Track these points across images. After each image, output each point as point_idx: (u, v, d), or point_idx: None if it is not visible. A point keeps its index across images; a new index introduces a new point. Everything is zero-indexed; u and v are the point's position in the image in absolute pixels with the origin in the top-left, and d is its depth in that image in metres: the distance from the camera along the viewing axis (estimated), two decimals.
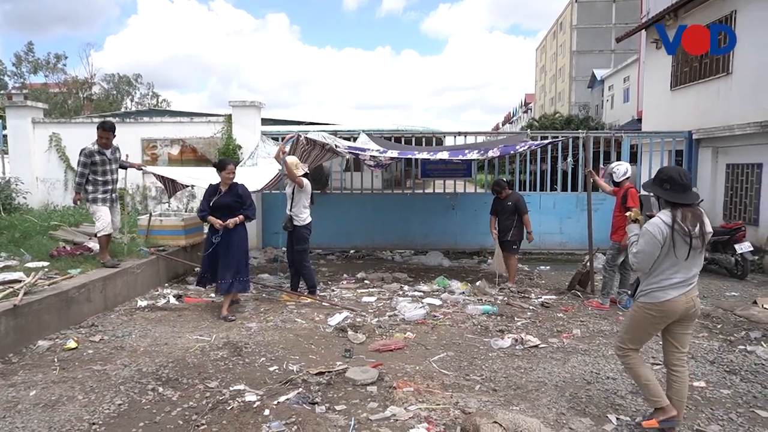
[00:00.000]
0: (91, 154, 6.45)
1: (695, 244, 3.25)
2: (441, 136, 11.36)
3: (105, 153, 6.54)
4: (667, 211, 3.31)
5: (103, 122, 6.72)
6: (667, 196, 3.32)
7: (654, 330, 3.42)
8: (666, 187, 3.32)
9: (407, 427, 3.47)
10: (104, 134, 6.52)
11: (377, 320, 6.00)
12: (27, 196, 10.62)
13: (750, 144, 9.55)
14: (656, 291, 3.32)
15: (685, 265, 3.29)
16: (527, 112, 64.19)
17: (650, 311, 3.35)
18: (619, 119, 28.97)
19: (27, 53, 39.96)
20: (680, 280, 3.30)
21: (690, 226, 3.22)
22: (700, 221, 3.28)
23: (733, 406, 3.88)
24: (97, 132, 6.54)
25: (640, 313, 3.41)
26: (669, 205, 3.32)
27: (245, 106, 10.60)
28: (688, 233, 3.21)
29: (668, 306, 3.29)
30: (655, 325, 3.39)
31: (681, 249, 3.24)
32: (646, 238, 3.29)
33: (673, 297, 3.28)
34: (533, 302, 6.82)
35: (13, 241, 7.27)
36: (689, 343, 3.51)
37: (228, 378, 4.33)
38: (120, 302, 6.47)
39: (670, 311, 3.30)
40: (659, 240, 3.24)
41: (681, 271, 3.29)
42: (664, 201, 3.36)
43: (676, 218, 3.23)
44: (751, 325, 5.78)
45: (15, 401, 3.86)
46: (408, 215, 10.50)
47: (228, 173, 6.07)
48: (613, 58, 40.75)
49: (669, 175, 3.32)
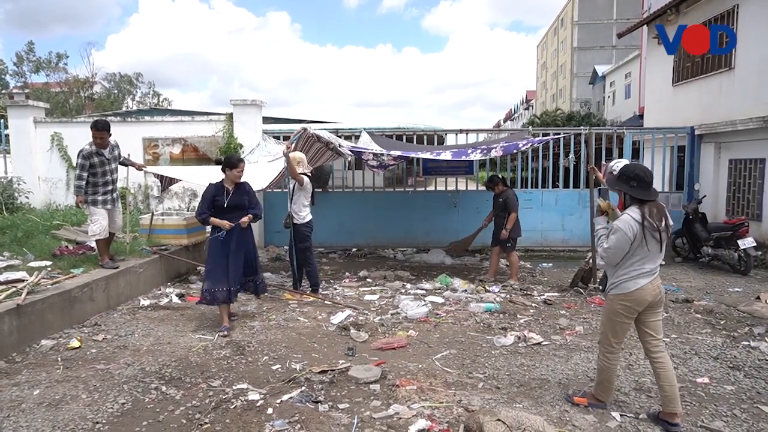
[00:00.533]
0: (89, 155, 6.35)
1: (662, 237, 3.48)
2: (442, 134, 11.33)
3: (103, 153, 6.44)
4: (636, 207, 3.49)
5: (96, 122, 6.53)
6: (634, 193, 3.51)
7: (629, 320, 3.58)
8: (633, 184, 3.52)
9: (410, 425, 3.46)
10: (98, 134, 6.39)
11: (380, 318, 6.00)
12: (29, 195, 10.63)
13: (753, 139, 9.52)
14: (626, 282, 3.51)
15: (651, 257, 3.50)
16: (528, 109, 64.07)
17: (623, 302, 3.54)
18: (621, 115, 28.89)
19: (28, 53, 40.07)
20: (648, 270, 3.50)
21: (657, 221, 3.44)
22: (664, 215, 3.51)
23: (737, 402, 3.87)
24: (91, 132, 6.42)
25: (614, 306, 3.59)
26: (636, 202, 3.51)
27: (246, 104, 10.60)
28: (656, 228, 3.43)
29: (638, 294, 3.49)
30: (630, 315, 3.56)
31: (651, 242, 3.45)
32: (618, 235, 3.46)
33: (642, 285, 3.48)
34: (536, 299, 6.82)
35: (15, 241, 7.29)
36: (662, 329, 3.68)
37: (231, 377, 4.33)
38: (123, 301, 6.48)
39: (641, 299, 3.50)
40: (630, 237, 3.42)
41: (649, 262, 3.50)
42: (629, 197, 3.55)
43: (645, 214, 3.43)
44: (754, 321, 5.77)
45: (19, 400, 3.87)
46: (410, 213, 10.50)
47: (240, 171, 5.68)
48: (614, 54, 40.63)
49: (636, 173, 3.52)
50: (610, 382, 3.70)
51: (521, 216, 10.32)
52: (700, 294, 7.00)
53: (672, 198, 10.56)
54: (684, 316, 6.02)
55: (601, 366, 3.72)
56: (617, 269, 3.57)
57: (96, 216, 6.45)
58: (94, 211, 6.46)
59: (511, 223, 7.54)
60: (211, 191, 5.62)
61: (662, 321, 3.67)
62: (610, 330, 3.63)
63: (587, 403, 3.76)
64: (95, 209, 6.46)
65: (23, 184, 10.57)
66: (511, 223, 7.54)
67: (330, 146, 7.68)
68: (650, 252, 3.47)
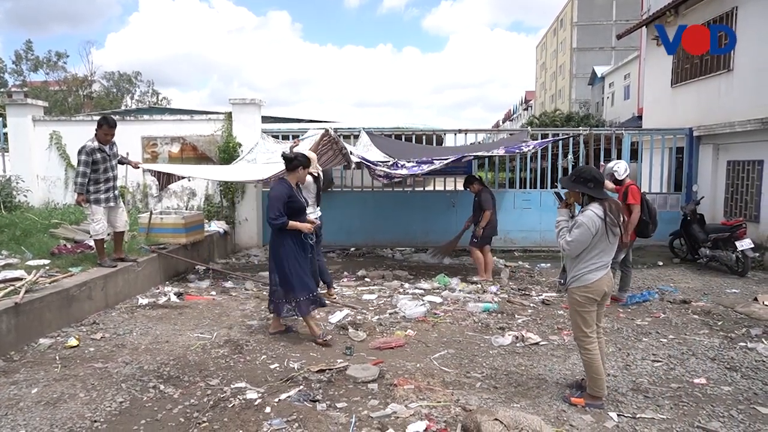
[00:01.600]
0: (92, 151, 6.27)
1: (620, 231, 3.78)
2: (441, 134, 11.34)
3: (105, 150, 6.39)
4: (597, 204, 3.76)
5: (107, 118, 6.50)
6: (593, 193, 3.81)
7: (592, 308, 3.83)
8: (590, 186, 3.82)
9: (408, 425, 3.47)
10: (110, 131, 6.37)
11: (378, 318, 6.01)
12: (27, 194, 10.61)
13: (751, 141, 9.54)
14: (587, 274, 3.78)
15: (608, 250, 3.79)
16: (527, 110, 64.10)
17: (585, 293, 3.79)
18: (620, 116, 28.95)
19: (27, 51, 40.00)
20: (606, 263, 3.80)
21: (616, 217, 3.72)
22: (620, 211, 3.82)
23: (733, 402, 3.89)
24: (101, 129, 6.33)
25: (578, 297, 3.82)
26: (595, 200, 3.78)
27: (245, 103, 10.59)
28: (616, 223, 3.71)
29: (597, 285, 3.78)
30: (593, 303, 3.82)
31: (610, 236, 3.72)
32: (582, 230, 3.71)
33: (600, 277, 3.78)
34: (534, 300, 6.83)
35: (14, 239, 7.28)
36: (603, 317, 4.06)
37: (229, 376, 4.33)
38: (121, 300, 6.48)
39: (599, 289, 3.79)
40: (592, 231, 3.68)
41: (606, 255, 3.80)
42: (587, 197, 3.85)
43: (607, 210, 3.71)
44: (751, 322, 5.78)
45: (17, 399, 3.87)
46: (408, 213, 10.50)
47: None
48: (613, 55, 40.69)
49: (592, 176, 3.84)
50: (599, 374, 3.78)
51: (519, 216, 10.43)
52: (697, 295, 7.02)
53: (670, 199, 10.59)
54: (681, 317, 6.04)
55: (585, 360, 3.85)
56: (578, 263, 3.82)
57: (98, 215, 6.37)
58: (96, 210, 6.38)
59: (485, 220, 7.63)
60: (284, 192, 5.07)
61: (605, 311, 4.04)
62: (581, 321, 3.84)
63: (584, 404, 3.78)
64: (97, 208, 6.38)
65: (22, 183, 10.55)
66: (485, 220, 7.63)
67: (343, 152, 7.70)
68: (608, 246, 3.76)
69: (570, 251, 3.80)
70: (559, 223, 3.93)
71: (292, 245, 5.09)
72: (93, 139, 6.34)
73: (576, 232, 3.73)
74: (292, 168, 5.19)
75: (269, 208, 5.03)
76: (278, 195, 5.03)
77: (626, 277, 6.69)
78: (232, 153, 10.22)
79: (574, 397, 3.86)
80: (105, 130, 6.36)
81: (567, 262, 4.02)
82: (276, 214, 4.94)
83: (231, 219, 10.56)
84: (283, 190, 5.07)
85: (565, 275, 4.22)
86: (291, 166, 5.19)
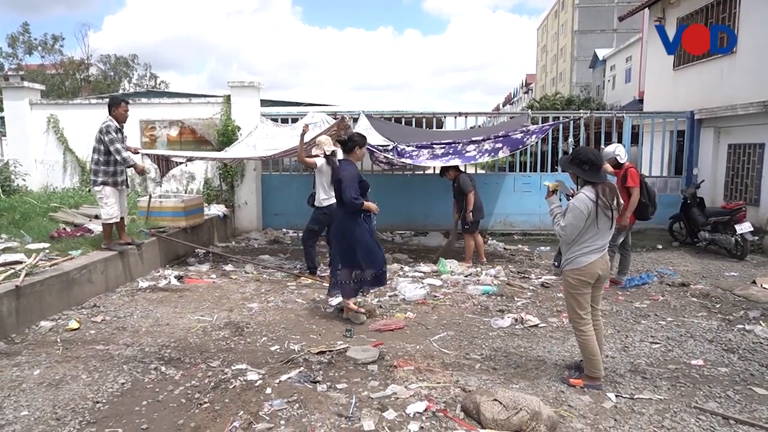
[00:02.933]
0: (117, 130, 6.12)
1: (613, 215, 3.77)
2: (441, 117, 11.28)
3: (121, 130, 6.28)
4: (590, 187, 3.74)
5: (123, 96, 6.42)
6: (587, 176, 3.77)
7: (587, 290, 3.83)
8: (585, 168, 3.77)
9: (408, 405, 3.50)
10: (126, 108, 6.29)
11: (378, 300, 6.03)
12: (26, 178, 10.59)
13: (753, 124, 9.49)
14: (580, 257, 3.77)
15: (602, 234, 3.76)
16: (528, 93, 63.71)
17: (578, 276, 3.79)
18: (621, 100, 28.78)
19: (23, 34, 39.54)
20: (600, 246, 3.78)
21: (609, 200, 3.70)
22: (615, 194, 3.79)
23: (730, 383, 3.92)
24: (120, 107, 6.20)
25: (572, 280, 3.82)
26: (589, 183, 3.76)
27: (244, 86, 10.51)
28: (608, 206, 3.70)
29: (590, 268, 3.76)
30: (587, 286, 3.82)
31: (602, 220, 3.70)
32: (574, 213, 3.70)
33: (594, 260, 3.76)
34: (533, 282, 6.85)
35: (13, 223, 7.27)
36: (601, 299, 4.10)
37: (230, 357, 4.36)
38: (121, 283, 6.50)
39: (593, 272, 3.78)
40: (585, 215, 3.67)
41: (600, 239, 3.77)
42: (582, 180, 3.82)
43: (599, 194, 3.69)
44: (749, 305, 5.81)
45: (19, 380, 3.90)
46: (408, 196, 10.50)
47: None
48: (615, 38, 40.35)
49: (588, 158, 3.77)
50: (595, 354, 3.81)
51: (519, 200, 10.43)
52: (696, 278, 7.04)
53: (670, 183, 10.58)
54: (680, 300, 6.06)
55: (580, 342, 3.87)
56: (571, 246, 3.82)
57: (111, 199, 6.23)
58: (110, 193, 6.22)
59: (470, 204, 7.57)
60: (355, 171, 5.12)
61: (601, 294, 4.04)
62: (575, 303, 3.85)
63: (583, 384, 3.81)
64: (111, 191, 6.23)
65: (20, 167, 10.52)
66: (471, 203, 7.57)
67: None
68: (601, 229, 3.73)
69: (565, 236, 3.79)
70: (552, 211, 3.95)
71: (365, 224, 5.16)
72: (110, 119, 6.18)
73: (569, 216, 3.73)
74: (349, 149, 5.19)
75: (346, 188, 4.97)
76: (352, 175, 5.03)
77: (625, 260, 6.70)
78: (231, 136, 10.17)
79: (572, 378, 3.89)
80: (124, 107, 6.27)
81: (562, 245, 4.04)
82: (356, 194, 4.96)
83: (230, 202, 10.56)
84: (354, 170, 5.11)
85: (560, 258, 4.24)
86: (347, 148, 5.20)
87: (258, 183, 10.59)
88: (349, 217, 5.15)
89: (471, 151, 7.45)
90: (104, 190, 6.22)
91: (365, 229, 5.19)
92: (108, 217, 6.30)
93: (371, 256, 5.23)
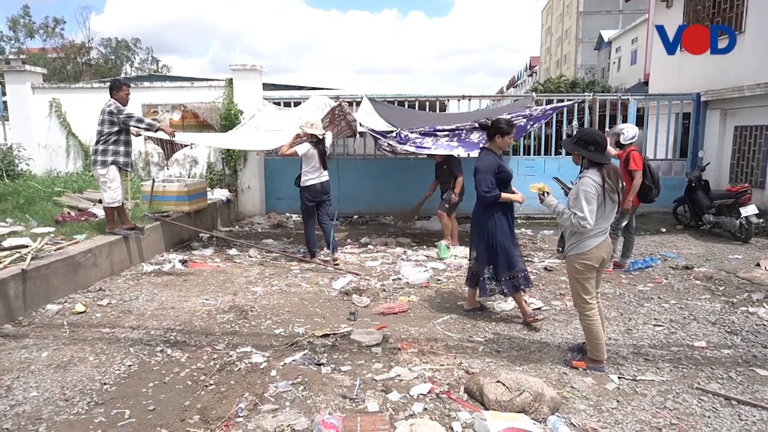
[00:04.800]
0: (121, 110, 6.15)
1: (619, 197, 3.77)
2: (444, 100, 11.20)
3: None
4: (595, 170, 3.70)
5: (125, 79, 6.48)
6: (592, 157, 3.72)
7: (591, 274, 3.81)
8: (591, 149, 3.72)
9: (411, 387, 3.53)
10: (129, 92, 6.37)
11: (381, 284, 6.05)
12: (29, 162, 10.59)
13: (760, 106, 9.40)
14: (584, 241, 3.74)
15: (606, 216, 3.74)
16: (532, 76, 63.07)
17: (583, 260, 3.76)
18: (626, 82, 28.45)
19: (23, 17, 39.30)
20: (604, 229, 3.76)
21: (615, 182, 3.69)
22: (619, 177, 3.80)
23: (732, 365, 3.93)
24: (122, 90, 6.23)
25: (577, 265, 3.79)
26: (594, 165, 3.72)
27: (246, 69, 10.44)
28: (614, 189, 3.68)
29: (596, 252, 3.75)
30: (592, 270, 3.79)
31: (608, 203, 3.68)
32: (588, 198, 3.62)
33: (599, 243, 3.75)
34: (536, 266, 6.85)
35: (18, 207, 7.30)
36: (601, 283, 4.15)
37: (235, 340, 4.40)
38: (126, 267, 6.53)
39: (598, 256, 3.76)
40: (595, 194, 3.62)
41: (604, 222, 3.74)
42: (587, 161, 3.76)
43: (605, 176, 3.65)
44: (753, 287, 5.81)
45: (28, 362, 3.95)
46: (411, 180, 10.45)
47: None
48: (620, 19, 39.73)
49: (594, 139, 3.73)
50: (599, 338, 3.81)
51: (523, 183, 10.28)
52: (700, 261, 7.03)
53: (675, 165, 10.52)
54: (683, 283, 6.06)
55: (585, 326, 3.86)
56: (575, 230, 3.74)
57: (117, 181, 6.20)
58: (115, 176, 6.19)
59: (459, 186, 7.67)
60: (492, 162, 4.70)
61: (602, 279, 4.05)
62: (580, 289, 3.82)
63: (585, 366, 3.84)
64: (115, 173, 6.19)
65: (23, 151, 10.52)
66: (459, 186, 7.66)
67: (352, 124, 7.63)
68: (606, 212, 3.71)
69: (589, 223, 3.60)
70: (557, 209, 3.83)
71: (503, 219, 4.77)
72: (112, 101, 6.18)
73: (582, 204, 3.59)
74: (490, 136, 4.80)
75: (480, 181, 4.64)
76: (488, 166, 4.65)
77: (629, 243, 6.69)
78: (234, 120, 10.13)
79: (575, 360, 3.91)
80: (126, 90, 6.32)
81: (565, 231, 3.96)
82: (489, 187, 4.62)
83: (234, 187, 10.56)
84: (492, 160, 4.70)
85: (563, 242, 4.19)
86: (489, 134, 4.81)
87: (261, 167, 10.57)
88: (484, 210, 4.78)
89: (474, 138, 7.41)
90: (109, 172, 6.17)
91: (501, 224, 4.75)
92: (111, 201, 6.29)
93: (501, 255, 4.76)
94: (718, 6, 10.91)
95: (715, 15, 10.94)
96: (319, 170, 6.75)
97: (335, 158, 10.65)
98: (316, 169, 6.73)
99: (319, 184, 6.78)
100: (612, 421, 3.17)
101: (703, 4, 11.41)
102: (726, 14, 10.58)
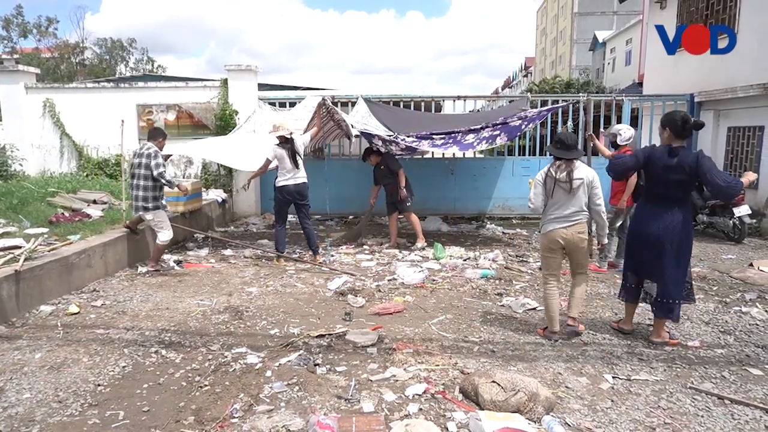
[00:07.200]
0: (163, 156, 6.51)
1: (564, 187, 4.22)
2: (440, 101, 11.22)
3: None
4: (551, 163, 4.37)
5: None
6: (554, 153, 4.35)
7: (551, 254, 4.41)
8: (557, 147, 4.34)
9: (407, 387, 3.53)
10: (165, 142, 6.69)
11: (377, 284, 6.05)
12: (23, 162, 10.54)
13: (752, 106, 9.45)
14: (545, 224, 4.41)
15: (560, 204, 4.27)
16: (527, 76, 63.22)
17: (543, 240, 4.44)
18: (620, 83, 28.54)
19: (16, 17, 39.04)
20: (557, 216, 4.30)
21: (558, 174, 4.22)
22: (569, 170, 4.23)
23: (726, 364, 3.95)
24: (161, 140, 6.56)
25: (540, 243, 4.53)
26: (556, 159, 4.33)
27: (241, 70, 10.42)
28: (554, 179, 4.23)
29: (551, 235, 4.33)
30: (550, 251, 4.40)
31: (558, 192, 4.26)
32: (535, 185, 4.41)
33: (553, 228, 4.31)
34: (531, 266, 6.87)
35: (11, 208, 7.25)
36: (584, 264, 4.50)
37: (230, 341, 4.38)
38: (120, 268, 6.51)
39: (553, 239, 4.32)
40: (541, 182, 4.35)
41: (557, 209, 4.30)
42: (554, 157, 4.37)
43: (551, 168, 4.30)
44: (746, 287, 5.85)
45: (21, 363, 3.92)
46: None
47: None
48: (615, 20, 39.90)
49: (559, 138, 4.34)
50: (553, 311, 4.39)
51: (518, 184, 10.40)
52: (693, 261, 7.02)
53: None
54: None
55: (543, 296, 4.52)
56: (543, 215, 4.43)
57: (167, 223, 6.54)
58: (165, 217, 6.56)
59: (402, 179, 7.69)
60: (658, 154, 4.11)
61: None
62: (543, 263, 4.55)
63: (543, 334, 4.46)
64: (164, 215, 6.58)
65: (16, 151, 10.46)
66: (402, 179, 7.69)
67: (342, 125, 7.59)
68: (558, 200, 4.27)
69: (532, 206, 4.42)
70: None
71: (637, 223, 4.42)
72: (156, 150, 6.43)
73: (532, 188, 4.44)
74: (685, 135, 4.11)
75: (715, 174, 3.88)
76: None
77: (623, 243, 6.70)
78: (229, 121, 10.12)
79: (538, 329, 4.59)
80: (162, 141, 6.61)
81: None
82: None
83: (229, 187, 10.53)
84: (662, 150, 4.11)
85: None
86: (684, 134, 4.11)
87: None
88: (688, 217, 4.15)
89: (469, 139, 7.42)
90: (159, 213, 6.47)
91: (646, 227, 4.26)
92: (165, 239, 6.50)
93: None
94: (711, 7, 10.96)
95: (709, 16, 10.99)
96: (292, 171, 6.77)
97: (330, 158, 10.67)
98: (289, 170, 6.76)
99: (292, 185, 6.78)
100: (606, 421, 3.18)
101: (696, 6, 11.46)
102: (719, 15, 10.63)
